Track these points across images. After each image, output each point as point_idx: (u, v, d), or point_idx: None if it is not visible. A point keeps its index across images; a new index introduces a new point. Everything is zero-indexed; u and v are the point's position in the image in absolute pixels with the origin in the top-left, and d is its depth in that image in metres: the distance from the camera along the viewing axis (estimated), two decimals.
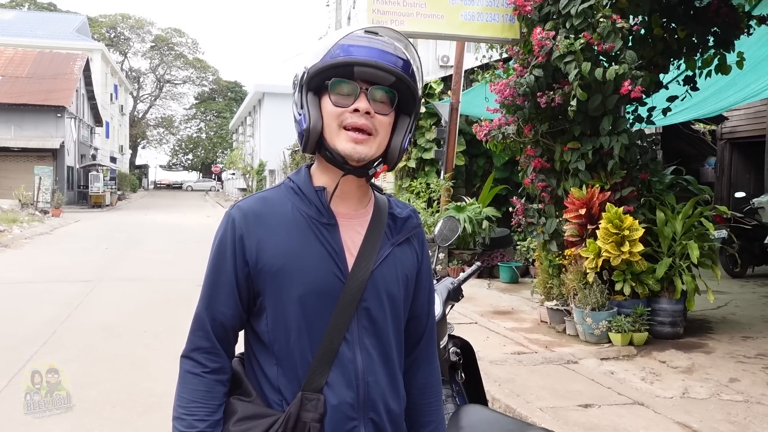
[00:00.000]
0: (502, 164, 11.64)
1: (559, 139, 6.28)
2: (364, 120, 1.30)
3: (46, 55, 34.53)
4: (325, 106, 1.33)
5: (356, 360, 1.33)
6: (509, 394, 4.38)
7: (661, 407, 4.25)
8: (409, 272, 1.43)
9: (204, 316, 1.37)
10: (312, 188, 1.37)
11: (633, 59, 5.57)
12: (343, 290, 1.33)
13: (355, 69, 1.28)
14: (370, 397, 1.34)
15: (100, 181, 32.56)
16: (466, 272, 3.10)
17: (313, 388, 1.30)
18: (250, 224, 1.35)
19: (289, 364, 1.33)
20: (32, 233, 18.07)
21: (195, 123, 72.45)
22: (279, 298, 1.33)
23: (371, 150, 1.32)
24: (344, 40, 1.31)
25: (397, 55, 1.32)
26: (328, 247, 1.34)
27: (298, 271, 1.32)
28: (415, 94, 1.35)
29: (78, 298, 8.63)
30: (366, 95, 1.30)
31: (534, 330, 6.50)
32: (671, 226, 6.03)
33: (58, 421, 4.31)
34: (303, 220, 1.34)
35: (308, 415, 1.28)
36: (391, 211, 1.44)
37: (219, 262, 1.36)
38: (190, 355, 1.37)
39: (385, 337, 1.38)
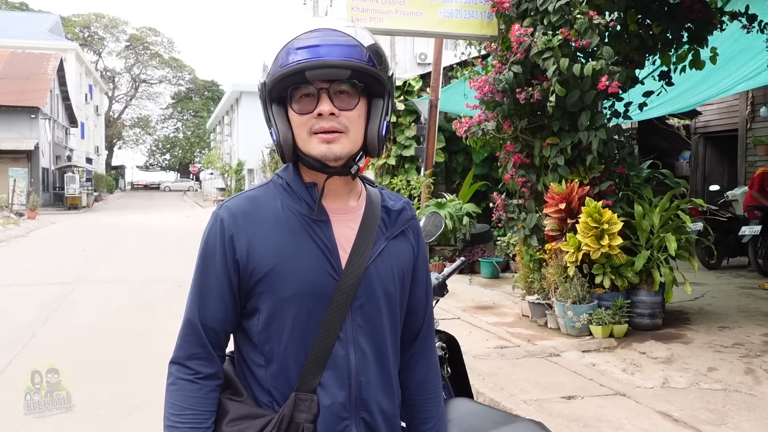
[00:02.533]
0: (481, 161, 11.73)
1: (538, 135, 6.34)
2: (331, 122, 1.26)
3: (18, 55, 33.99)
4: (292, 116, 1.29)
5: (349, 359, 1.31)
6: (493, 388, 4.42)
7: (642, 397, 4.32)
8: (405, 266, 1.40)
9: (195, 321, 1.33)
10: (302, 184, 1.34)
11: (610, 55, 5.64)
12: (337, 289, 1.29)
13: (307, 73, 1.23)
14: (362, 396, 1.32)
15: (76, 183, 32.16)
16: (451, 267, 3.12)
17: (306, 389, 1.28)
18: (239, 224, 1.31)
19: (280, 365, 1.30)
20: (7, 236, 17.80)
21: (172, 123, 71.83)
22: (271, 298, 1.29)
23: (346, 148, 1.28)
24: (291, 43, 1.25)
25: (348, 43, 1.25)
26: (321, 245, 1.30)
27: (290, 271, 1.28)
28: (379, 78, 1.28)
29: (57, 301, 8.54)
30: (327, 94, 1.25)
31: (516, 324, 6.56)
32: (649, 219, 6.12)
33: (41, 424, 4.27)
34: (294, 218, 1.31)
35: (302, 416, 1.27)
36: (384, 204, 1.41)
37: (208, 265, 1.33)
38: (181, 361, 1.32)
39: (380, 335, 1.35)
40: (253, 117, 35.91)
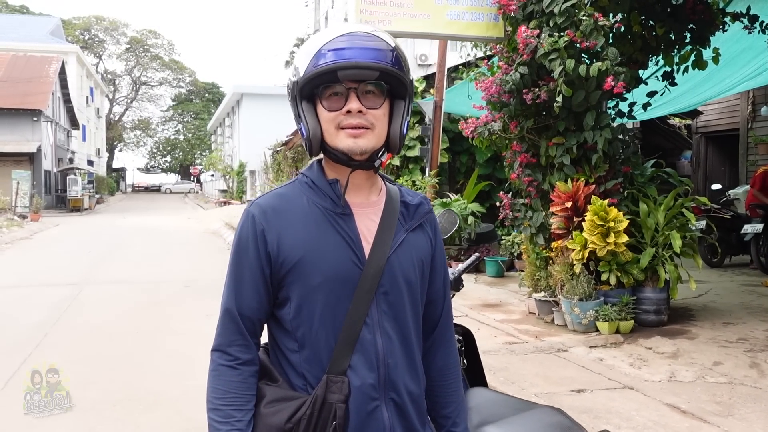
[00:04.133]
0: (484, 161, 11.81)
1: (544, 135, 6.43)
2: (359, 119, 1.36)
3: (20, 58, 34.06)
4: (321, 112, 1.39)
5: (377, 343, 1.39)
6: (504, 382, 4.51)
7: (650, 390, 4.41)
8: (424, 257, 1.49)
9: (233, 311, 1.42)
10: (325, 181, 1.43)
11: (615, 56, 5.74)
12: (362, 277, 1.38)
13: (339, 73, 1.33)
14: (390, 378, 1.40)
15: (78, 185, 32.25)
16: (466, 262, 3.20)
17: (337, 371, 1.36)
18: (269, 219, 1.40)
19: (312, 350, 1.39)
20: (12, 238, 17.88)
21: (172, 125, 71.88)
22: (301, 287, 1.38)
23: (371, 142, 1.38)
24: (325, 46, 1.35)
25: (378, 47, 1.35)
26: (345, 236, 1.40)
27: (317, 261, 1.37)
28: (402, 80, 1.38)
29: (66, 301, 8.61)
30: (356, 94, 1.36)
31: (523, 321, 6.65)
32: (653, 217, 6.22)
33: (59, 421, 4.35)
34: (319, 212, 1.41)
35: (334, 396, 1.35)
36: (403, 199, 1.50)
37: (241, 258, 1.42)
38: (222, 348, 1.42)
39: (403, 321, 1.43)
40: (255, 119, 36.05)
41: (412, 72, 1.50)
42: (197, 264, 12.94)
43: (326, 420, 1.35)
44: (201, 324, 7.32)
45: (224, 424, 1.37)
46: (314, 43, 1.38)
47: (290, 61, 49.97)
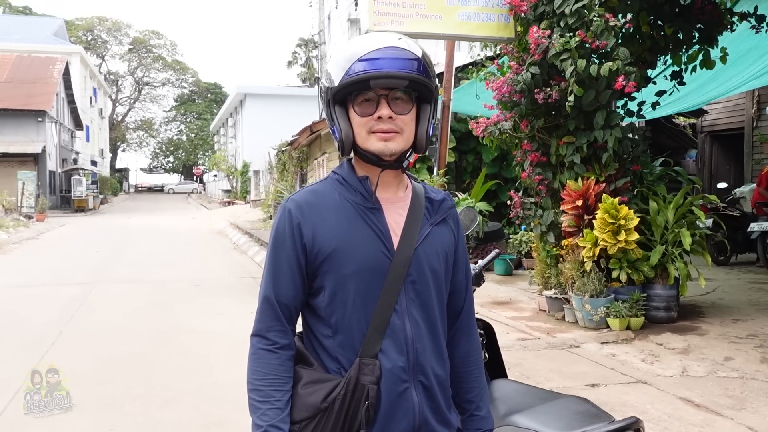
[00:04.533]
0: (491, 160, 11.87)
1: (554, 134, 6.50)
2: (389, 124, 1.46)
3: (24, 59, 34.17)
4: (353, 117, 1.49)
5: (405, 329, 1.48)
6: (519, 377, 4.57)
7: (663, 385, 4.48)
8: (448, 249, 1.58)
9: (271, 298, 1.51)
10: (356, 178, 1.53)
11: (626, 56, 5.80)
12: (391, 266, 1.48)
13: (371, 82, 1.44)
14: (419, 362, 1.49)
15: (83, 185, 32.38)
16: (486, 259, 3.27)
17: (369, 355, 1.45)
18: (305, 213, 1.50)
19: (345, 335, 1.48)
20: (19, 238, 17.97)
21: (175, 125, 71.90)
22: (334, 276, 1.48)
23: (400, 145, 1.48)
24: (359, 57, 1.45)
25: (406, 57, 1.45)
26: (375, 229, 1.49)
27: (350, 252, 1.47)
28: (429, 86, 1.49)
29: (77, 301, 8.69)
30: (386, 100, 1.46)
31: (534, 318, 6.72)
32: (663, 215, 6.28)
33: (80, 415, 4.43)
34: (350, 207, 1.51)
35: (366, 378, 1.43)
36: (428, 195, 1.60)
37: (279, 250, 1.52)
38: (261, 333, 1.52)
39: (430, 308, 1.53)
40: (258, 119, 36.06)
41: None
42: (204, 264, 13.01)
43: (359, 400, 1.43)
44: (212, 322, 7.40)
45: (264, 403, 1.46)
46: (348, 53, 1.48)
47: (293, 62, 50.05)
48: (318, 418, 1.45)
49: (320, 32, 22.31)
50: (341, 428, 1.44)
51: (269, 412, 1.45)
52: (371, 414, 1.44)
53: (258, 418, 1.45)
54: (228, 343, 6.38)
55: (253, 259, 13.63)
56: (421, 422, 1.49)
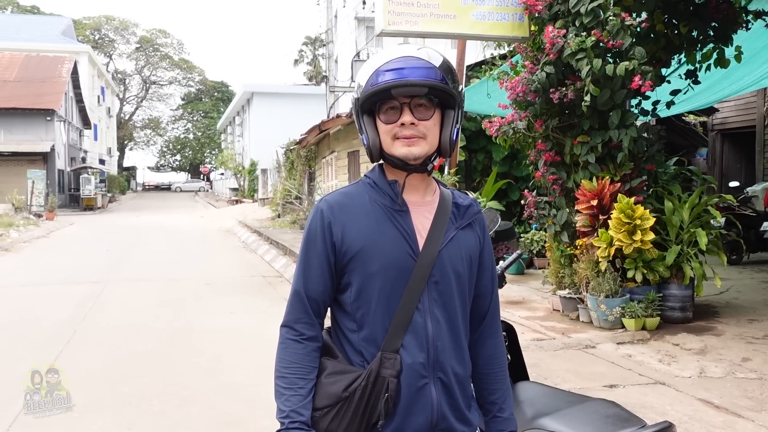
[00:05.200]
0: (501, 159, 11.84)
1: (568, 133, 6.48)
2: (412, 130, 1.53)
3: (33, 58, 34.31)
4: (379, 125, 1.57)
5: (427, 327, 1.54)
6: (536, 378, 4.55)
7: (682, 386, 4.46)
8: (472, 253, 1.64)
9: (301, 292, 1.59)
10: (386, 182, 1.61)
11: (642, 55, 5.78)
12: (415, 267, 1.54)
13: (393, 90, 1.52)
14: (438, 359, 1.55)
15: (92, 184, 32.48)
16: (509, 259, 3.26)
17: (390, 349, 1.52)
18: (336, 214, 1.58)
19: (369, 330, 1.55)
20: (30, 237, 18.05)
21: (182, 124, 72.11)
22: (361, 274, 1.55)
23: (423, 150, 1.54)
24: (381, 68, 1.54)
25: (426, 66, 1.52)
26: (402, 230, 1.56)
27: (377, 251, 1.54)
28: (450, 93, 1.55)
29: (90, 299, 8.72)
30: (409, 108, 1.53)
31: (548, 318, 6.71)
32: (678, 215, 6.26)
33: (99, 414, 4.45)
34: (379, 209, 1.58)
35: (387, 371, 1.50)
36: (455, 200, 1.66)
37: (310, 247, 1.60)
38: (290, 324, 1.60)
39: (451, 309, 1.58)
40: (265, 118, 36.11)
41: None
42: (215, 262, 13.04)
43: (379, 392, 1.50)
44: (224, 321, 7.42)
45: (289, 389, 1.54)
46: (372, 65, 1.57)
47: (299, 60, 50.04)
48: (339, 407, 1.52)
49: (327, 30, 22.27)
50: (360, 418, 1.50)
51: (292, 398, 1.53)
52: (390, 406, 1.50)
53: (282, 403, 1.53)
54: (241, 342, 6.40)
55: (263, 257, 13.66)
56: (438, 417, 1.54)
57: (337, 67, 27.38)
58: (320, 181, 20.61)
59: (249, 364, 5.58)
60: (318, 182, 20.83)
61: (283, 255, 12.99)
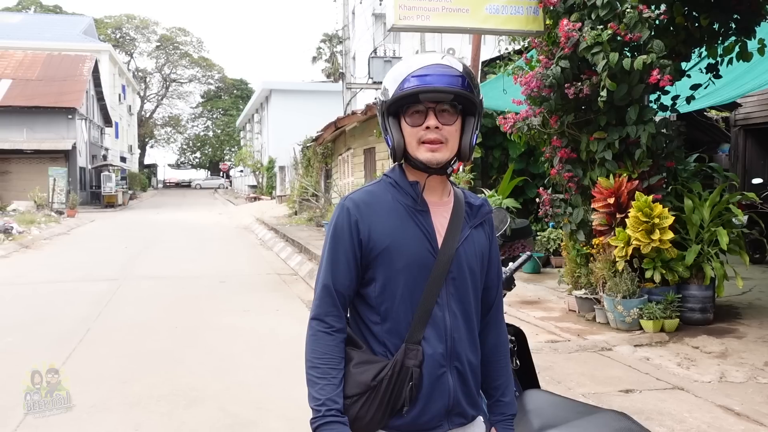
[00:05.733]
0: (518, 156, 11.66)
1: (584, 130, 6.33)
2: (435, 134, 1.62)
3: (55, 57, 34.68)
4: (404, 127, 1.66)
5: (445, 319, 1.65)
6: (550, 381, 4.45)
7: (701, 391, 4.32)
8: (483, 250, 1.75)
9: (329, 286, 1.67)
10: (407, 182, 1.69)
11: (660, 48, 5.61)
12: (435, 264, 1.64)
13: (420, 96, 1.61)
14: (455, 349, 1.66)
15: (112, 181, 32.76)
16: (518, 261, 3.16)
17: (413, 341, 1.63)
18: (362, 212, 1.66)
19: (393, 322, 1.65)
20: (50, 234, 18.24)
21: (202, 121, 72.61)
22: (386, 269, 1.64)
23: (445, 155, 1.64)
24: (411, 72, 1.63)
25: (452, 74, 1.62)
26: (423, 229, 1.66)
27: (401, 249, 1.64)
28: (473, 101, 1.64)
29: (106, 297, 8.76)
30: (434, 112, 1.62)
31: (564, 319, 6.57)
32: (699, 213, 6.09)
33: (107, 414, 4.43)
34: (401, 208, 1.67)
35: (410, 361, 1.61)
36: (467, 200, 1.76)
37: (337, 243, 1.68)
38: (320, 317, 1.67)
39: (467, 302, 1.70)
40: (283, 115, 36.15)
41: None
42: (231, 260, 13.05)
43: (404, 380, 1.61)
44: (238, 320, 7.39)
45: (322, 379, 1.63)
46: (401, 70, 1.66)
47: (317, 57, 50.09)
48: (367, 395, 1.62)
49: (344, 27, 22.18)
50: (387, 404, 1.62)
51: (327, 387, 1.62)
52: (414, 393, 1.62)
53: (316, 392, 1.62)
54: (253, 341, 6.36)
55: (279, 255, 13.65)
56: (454, 403, 1.67)
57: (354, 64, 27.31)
58: (336, 178, 20.56)
59: (260, 364, 5.54)
60: (334, 179, 20.79)
61: (299, 253, 12.96)
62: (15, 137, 29.05)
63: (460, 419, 1.71)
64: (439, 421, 1.67)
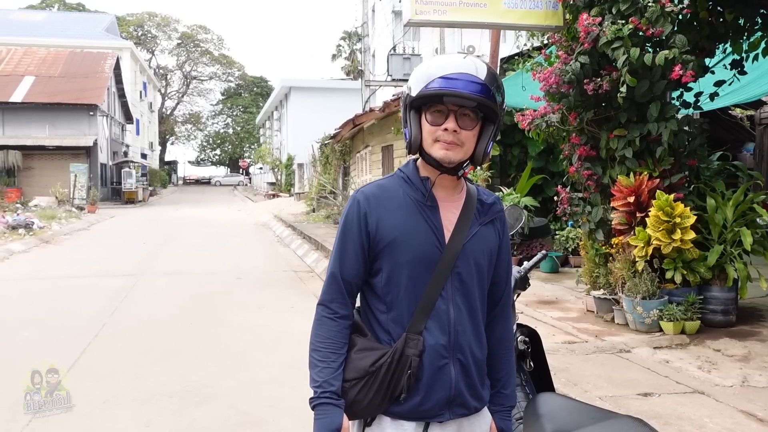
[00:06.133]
0: (537, 154, 11.52)
1: (604, 127, 6.21)
2: (451, 137, 1.65)
3: (77, 54, 35.09)
4: (424, 124, 1.70)
5: (449, 312, 1.70)
6: (566, 384, 4.35)
7: (722, 396, 4.19)
8: (492, 247, 1.79)
9: (337, 274, 1.74)
10: (419, 178, 1.74)
11: (683, 44, 5.47)
12: (441, 258, 1.69)
13: (444, 98, 1.64)
14: (458, 342, 1.71)
15: (133, 178, 33.08)
16: (532, 261, 3.08)
17: (414, 331, 1.68)
18: (371, 204, 1.72)
19: (397, 312, 1.70)
20: (70, 229, 18.43)
21: (222, 118, 73.08)
22: (392, 261, 1.70)
23: (458, 156, 1.68)
24: (442, 73, 1.65)
25: (479, 82, 1.63)
26: (431, 224, 1.70)
27: (407, 242, 1.69)
28: (495, 109, 1.67)
29: (122, 292, 8.80)
30: (455, 115, 1.65)
31: (581, 319, 6.45)
32: (722, 212, 5.93)
33: (119, 410, 4.42)
34: (411, 203, 1.71)
35: (410, 350, 1.66)
36: (480, 197, 1.79)
37: (347, 234, 1.74)
38: (326, 303, 1.75)
39: (472, 297, 1.74)
40: (302, 112, 36.21)
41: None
42: (248, 256, 13.07)
43: (403, 369, 1.66)
44: (253, 316, 7.37)
45: (322, 362, 1.70)
46: (431, 69, 1.68)
47: (337, 55, 50.07)
48: (366, 380, 1.68)
49: (364, 24, 22.13)
50: (385, 390, 1.67)
51: (325, 369, 1.69)
52: (412, 381, 1.67)
53: (315, 374, 1.70)
54: (267, 338, 6.33)
55: (296, 252, 13.64)
56: (455, 394, 1.71)
57: (373, 62, 27.26)
58: (354, 175, 20.53)
59: (273, 362, 5.51)
60: (352, 177, 20.76)
61: (315, 250, 12.93)
62: (37, 133, 29.43)
63: (461, 410, 1.74)
64: (440, 410, 1.71)
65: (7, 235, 15.40)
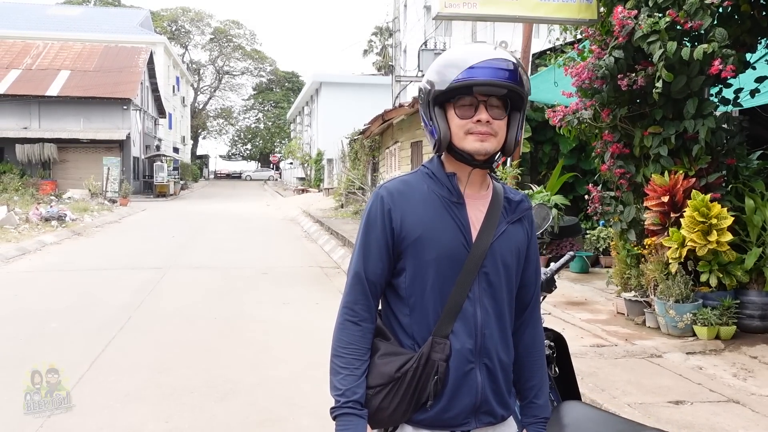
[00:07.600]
0: (568, 151, 11.31)
1: (638, 124, 6.02)
2: (486, 128, 1.59)
3: (112, 49, 35.60)
4: (451, 118, 1.62)
5: (476, 315, 1.62)
6: (593, 389, 4.21)
7: (759, 406, 4.01)
8: (520, 246, 1.71)
9: (361, 274, 1.66)
10: (444, 174, 1.67)
11: (723, 37, 5.26)
12: (468, 257, 1.61)
13: (475, 88, 1.58)
14: (485, 346, 1.63)
15: (164, 171, 33.45)
16: (560, 262, 2.97)
17: (441, 335, 1.60)
18: (395, 201, 1.64)
19: (421, 315, 1.62)
20: (102, 222, 18.71)
21: (253, 113, 73.68)
22: (417, 260, 1.62)
23: (493, 145, 1.61)
24: (468, 63, 1.57)
25: (507, 68, 1.57)
26: (457, 221, 1.63)
27: (432, 240, 1.61)
28: (523, 96, 1.62)
29: (150, 285, 8.86)
30: (485, 106, 1.59)
31: (611, 322, 6.28)
32: (761, 214, 5.71)
33: (140, 405, 4.42)
34: (437, 199, 1.64)
35: (437, 355, 1.58)
36: (507, 195, 1.72)
37: (370, 231, 1.66)
38: (349, 306, 1.66)
39: (499, 298, 1.66)
40: (332, 108, 36.28)
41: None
42: (275, 251, 13.09)
43: (429, 374, 1.58)
44: (278, 312, 7.35)
45: (345, 369, 1.62)
46: (454, 60, 1.61)
47: (368, 50, 50.04)
48: (391, 386, 1.60)
49: (395, 19, 22.02)
50: (411, 397, 1.59)
51: (349, 377, 1.61)
52: (439, 387, 1.59)
53: (338, 382, 1.61)
54: (291, 335, 6.30)
55: (323, 247, 13.62)
56: (482, 400, 1.63)
57: (405, 57, 27.13)
58: (383, 171, 20.46)
59: (295, 359, 5.46)
60: (381, 173, 20.69)
61: (342, 246, 12.90)
62: (72, 127, 29.96)
63: (488, 418, 1.66)
64: (466, 418, 1.63)
65: (41, 227, 15.67)
